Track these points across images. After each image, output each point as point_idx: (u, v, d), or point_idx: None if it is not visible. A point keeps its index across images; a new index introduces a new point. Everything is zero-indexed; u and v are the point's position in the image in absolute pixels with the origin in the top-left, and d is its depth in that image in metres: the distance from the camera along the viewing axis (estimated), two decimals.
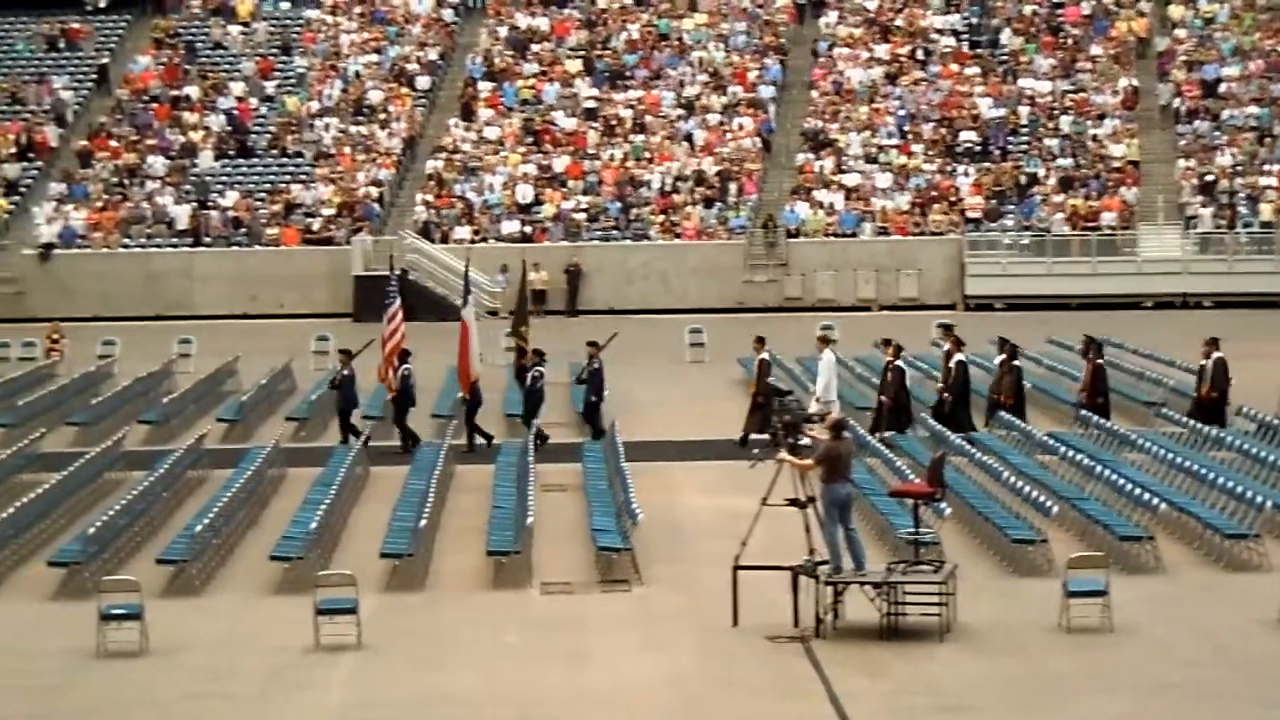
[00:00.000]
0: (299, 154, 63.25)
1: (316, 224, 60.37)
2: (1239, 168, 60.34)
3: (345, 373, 35.32)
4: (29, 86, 65.94)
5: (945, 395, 34.56)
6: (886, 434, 33.29)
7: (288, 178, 62.31)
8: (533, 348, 35.81)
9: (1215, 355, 35.02)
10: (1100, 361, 35.57)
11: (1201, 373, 35.29)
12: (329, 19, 68.68)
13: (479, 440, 34.34)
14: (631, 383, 35.82)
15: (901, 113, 63.22)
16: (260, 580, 25.62)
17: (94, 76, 66.86)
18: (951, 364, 34.98)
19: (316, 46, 67.67)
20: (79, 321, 53.77)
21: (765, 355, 35.15)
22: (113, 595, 22.68)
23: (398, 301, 35.93)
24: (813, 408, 34.47)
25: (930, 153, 61.90)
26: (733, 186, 61.08)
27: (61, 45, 68.06)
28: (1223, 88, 63.06)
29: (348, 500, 29.76)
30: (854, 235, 59.55)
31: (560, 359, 39.07)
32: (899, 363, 34.80)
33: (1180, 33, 65.64)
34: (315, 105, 64.95)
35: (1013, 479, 28.63)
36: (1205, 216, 58.93)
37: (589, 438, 34.58)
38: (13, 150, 63.31)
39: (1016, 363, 35.29)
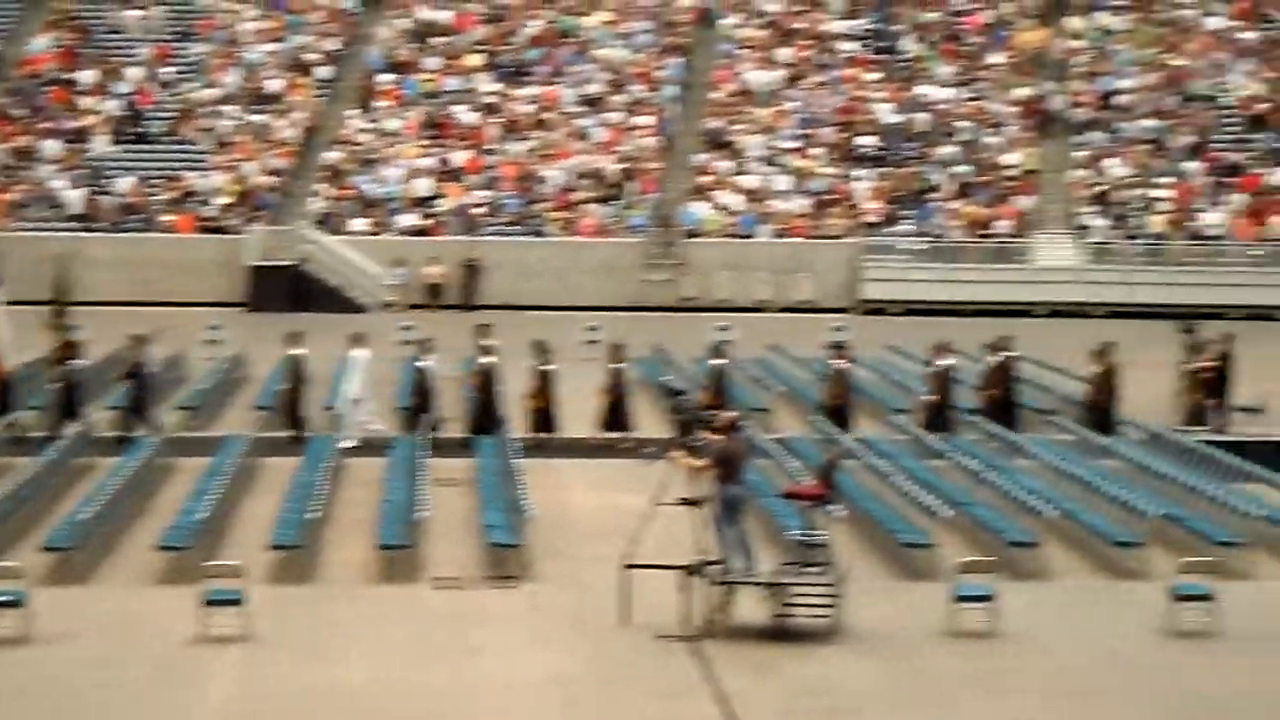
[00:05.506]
0: (196, 141, 62.79)
1: (211, 212, 59.95)
2: (1132, 179, 60.91)
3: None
4: None
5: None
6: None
7: (184, 165, 61.84)
8: (66, 339, 35.56)
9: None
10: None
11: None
12: (228, 6, 68.18)
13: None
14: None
15: (801, 116, 63.41)
16: (147, 570, 25.40)
17: None
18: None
19: (215, 33, 67.22)
20: None
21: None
22: None
23: None
24: (341, 407, 34.43)
25: (832, 156, 62.12)
26: (632, 185, 61.10)
27: None
28: (1119, 99, 63.68)
29: (238, 491, 29.57)
30: (751, 237, 59.68)
31: (454, 353, 38.98)
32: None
33: (1078, 44, 66.20)
34: (214, 93, 64.51)
35: (903, 482, 28.77)
36: (1098, 226, 59.49)
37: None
38: None
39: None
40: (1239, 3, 67.38)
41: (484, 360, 35.02)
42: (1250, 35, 66.19)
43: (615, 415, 34.79)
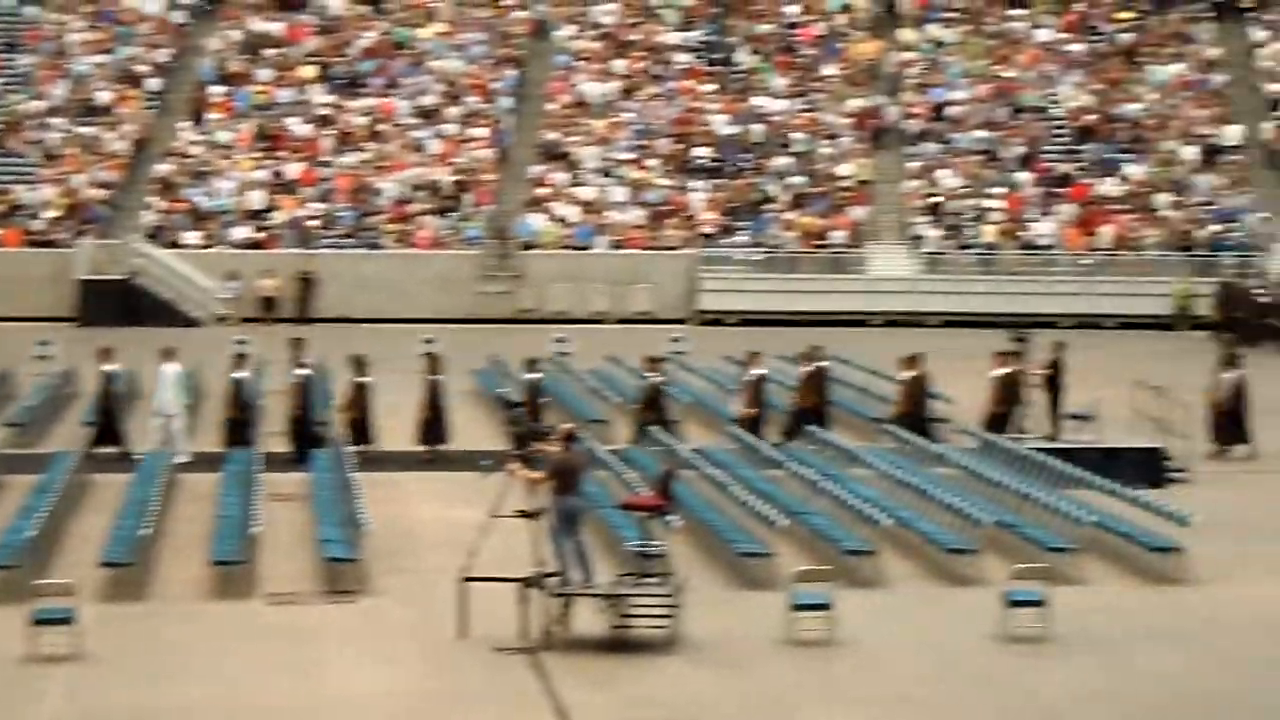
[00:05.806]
0: (24, 154, 61.89)
1: (40, 225, 59.12)
2: (964, 190, 61.55)
3: None
4: None
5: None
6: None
7: (12, 178, 60.93)
8: None
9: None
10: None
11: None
12: (56, 17, 67.27)
13: None
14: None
15: (637, 128, 63.52)
16: None
17: None
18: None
19: (43, 44, 66.29)
20: None
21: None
22: None
23: None
24: (153, 422, 34.27)
25: (667, 168, 62.29)
26: (467, 197, 60.95)
27: None
28: (951, 110, 64.34)
29: (68, 508, 29.15)
30: (588, 248, 59.71)
31: (285, 368, 38.66)
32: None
33: (910, 56, 66.81)
34: (41, 104, 63.63)
35: (740, 492, 28.86)
36: (932, 237, 60.06)
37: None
38: None
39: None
40: (1067, 15, 68.30)
41: (299, 373, 34.76)
42: (1078, 47, 67.09)
43: (433, 428, 34.69)
